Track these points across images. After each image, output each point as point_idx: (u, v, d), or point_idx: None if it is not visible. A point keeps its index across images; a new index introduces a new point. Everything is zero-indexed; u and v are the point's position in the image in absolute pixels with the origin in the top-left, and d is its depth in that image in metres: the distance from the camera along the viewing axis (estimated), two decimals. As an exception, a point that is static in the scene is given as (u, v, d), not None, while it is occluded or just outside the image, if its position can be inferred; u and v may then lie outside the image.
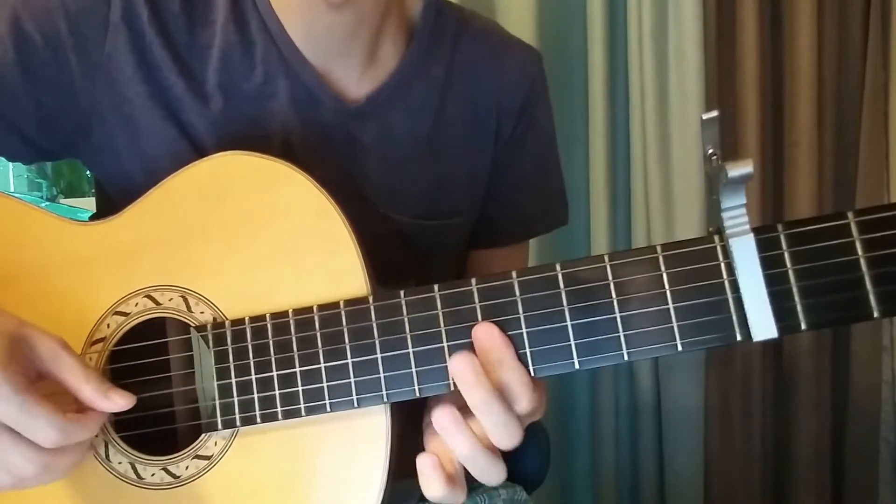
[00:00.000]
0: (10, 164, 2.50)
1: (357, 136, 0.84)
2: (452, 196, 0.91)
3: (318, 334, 0.65)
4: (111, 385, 0.65)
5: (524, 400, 0.61)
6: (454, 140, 0.90)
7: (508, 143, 0.94)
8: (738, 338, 0.56)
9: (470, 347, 0.62)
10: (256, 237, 0.70)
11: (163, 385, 0.72)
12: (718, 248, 0.57)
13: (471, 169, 0.93)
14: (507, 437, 0.61)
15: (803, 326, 0.55)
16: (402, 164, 0.87)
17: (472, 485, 0.95)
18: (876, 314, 0.54)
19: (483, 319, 0.61)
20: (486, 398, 0.60)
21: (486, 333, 0.61)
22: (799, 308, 0.55)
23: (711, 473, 1.79)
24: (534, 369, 0.61)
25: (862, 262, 0.54)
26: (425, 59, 0.88)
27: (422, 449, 0.65)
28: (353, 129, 0.84)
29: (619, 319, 0.58)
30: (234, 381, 0.68)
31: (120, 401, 0.64)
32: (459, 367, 0.60)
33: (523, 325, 0.61)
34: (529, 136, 0.96)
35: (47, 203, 2.74)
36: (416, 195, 0.88)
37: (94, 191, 0.98)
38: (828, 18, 1.78)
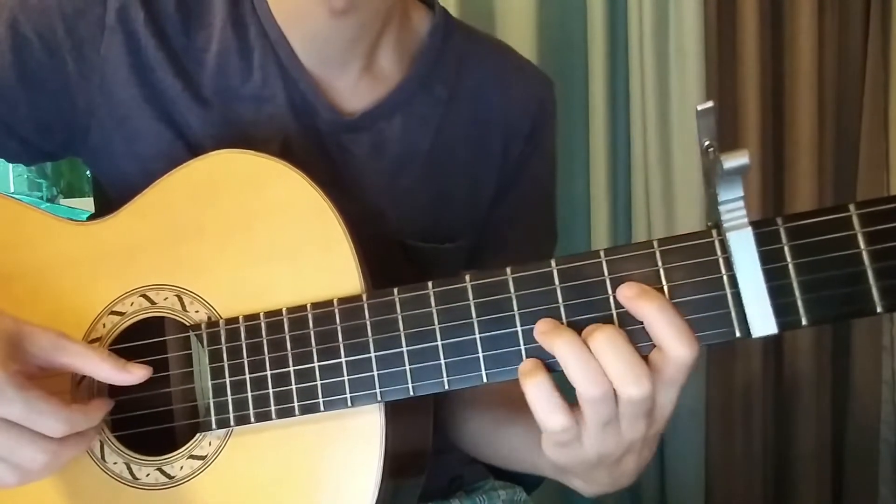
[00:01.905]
0: (10, 164, 2.50)
1: (350, 148, 0.84)
2: (452, 218, 0.90)
3: (312, 332, 0.65)
4: (125, 360, 0.66)
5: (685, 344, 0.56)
6: (456, 160, 0.89)
7: (512, 166, 0.93)
8: (738, 334, 0.56)
9: (464, 345, 0.61)
10: (251, 235, 0.70)
11: (158, 384, 0.72)
12: (716, 243, 0.56)
13: (473, 190, 0.91)
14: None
15: (804, 322, 0.54)
16: (397, 180, 0.86)
17: (472, 486, 0.96)
18: (879, 309, 0.53)
19: (477, 317, 0.61)
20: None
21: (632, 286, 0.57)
22: (799, 303, 0.54)
23: (712, 473, 1.79)
24: None
25: (864, 255, 0.53)
26: (429, 78, 0.87)
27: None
28: (346, 141, 0.84)
29: (615, 316, 0.58)
30: (227, 380, 0.67)
31: (139, 371, 0.65)
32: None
33: (518, 323, 0.60)
34: (532, 162, 0.95)
35: (47, 203, 2.74)
36: (411, 214, 0.87)
37: (93, 191, 0.98)
38: (828, 18, 1.78)
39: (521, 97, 0.93)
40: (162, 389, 0.72)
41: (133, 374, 0.65)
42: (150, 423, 0.72)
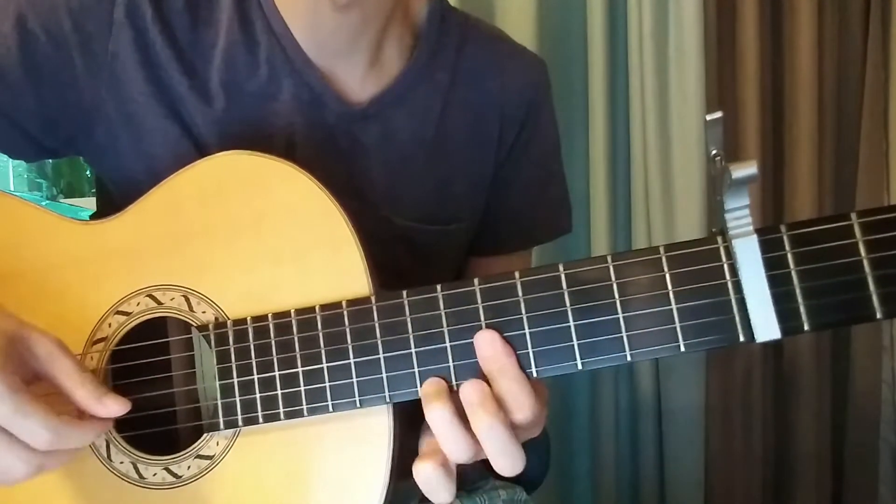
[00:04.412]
0: (11, 163, 2.50)
1: (359, 138, 0.84)
2: (454, 201, 0.91)
3: (321, 334, 0.65)
4: (107, 389, 0.64)
5: (525, 409, 0.60)
6: (457, 145, 0.90)
7: (511, 150, 0.94)
8: (741, 339, 0.56)
9: (472, 348, 0.62)
10: (258, 237, 0.70)
11: (164, 385, 0.72)
12: (721, 249, 0.57)
13: (473, 174, 0.93)
14: (510, 463, 0.60)
15: (806, 327, 0.55)
16: (404, 167, 0.87)
17: (472, 486, 0.96)
18: (879, 315, 0.54)
19: (486, 320, 0.61)
20: (492, 423, 0.59)
21: (488, 341, 0.61)
22: (802, 309, 0.55)
23: (712, 473, 1.80)
24: (536, 370, 0.61)
25: (865, 263, 0.54)
26: (430, 64, 0.88)
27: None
28: (356, 130, 0.84)
29: (621, 320, 0.58)
30: (236, 380, 0.68)
31: (113, 406, 0.63)
32: (468, 393, 0.60)
33: (526, 326, 0.60)
34: (533, 145, 0.96)
35: (47, 203, 2.74)
36: (418, 199, 0.88)
37: (94, 191, 0.98)
38: (828, 18, 1.78)
39: (518, 82, 0.94)
40: (168, 390, 0.72)
41: (106, 408, 0.63)
42: (155, 423, 0.72)
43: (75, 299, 0.73)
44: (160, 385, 0.72)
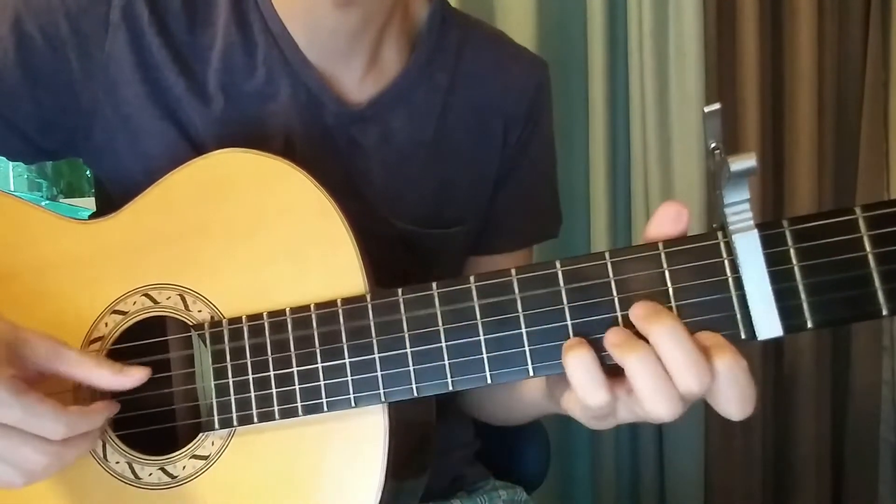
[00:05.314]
0: (11, 163, 2.50)
1: (358, 139, 0.84)
2: (456, 204, 0.91)
3: (316, 333, 0.65)
4: (121, 364, 0.66)
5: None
6: (458, 146, 0.90)
7: (513, 149, 0.94)
8: (743, 336, 0.56)
9: (469, 346, 0.61)
10: (255, 235, 0.70)
11: (160, 384, 0.72)
12: (722, 245, 0.56)
13: (475, 175, 0.92)
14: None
15: (809, 325, 0.54)
16: (404, 169, 0.86)
17: (472, 486, 0.96)
18: (885, 312, 0.53)
19: (482, 318, 0.61)
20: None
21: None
22: (805, 306, 0.54)
23: (711, 473, 1.79)
24: (532, 368, 0.60)
25: (870, 258, 0.53)
26: (429, 66, 0.88)
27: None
28: (355, 132, 0.84)
29: (620, 318, 0.58)
30: (231, 380, 0.67)
31: (137, 374, 0.66)
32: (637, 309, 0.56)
33: (522, 324, 0.60)
34: (532, 144, 0.96)
35: (47, 202, 2.74)
36: (418, 201, 0.88)
37: (93, 190, 0.98)
38: (828, 18, 1.78)
39: (519, 82, 0.94)
40: (164, 389, 0.72)
41: (130, 378, 0.65)
42: (152, 422, 0.72)
43: (72, 298, 0.73)
44: (156, 384, 0.71)
